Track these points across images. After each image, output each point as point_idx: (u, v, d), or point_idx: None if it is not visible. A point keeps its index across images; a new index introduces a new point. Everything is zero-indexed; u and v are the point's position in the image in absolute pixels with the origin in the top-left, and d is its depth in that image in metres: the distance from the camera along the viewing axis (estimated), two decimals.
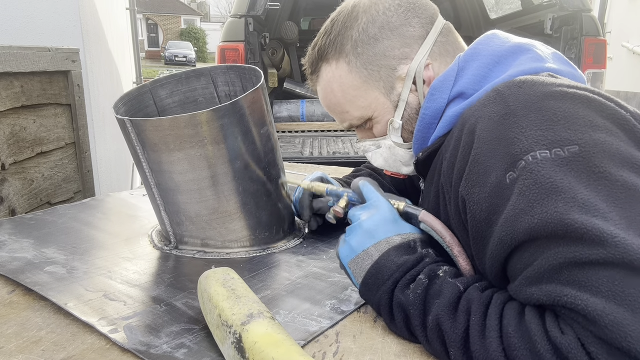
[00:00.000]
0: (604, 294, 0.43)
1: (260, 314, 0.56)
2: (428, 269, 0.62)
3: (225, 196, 0.88)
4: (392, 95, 0.77)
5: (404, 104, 0.76)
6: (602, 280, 0.43)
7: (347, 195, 0.79)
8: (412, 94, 0.76)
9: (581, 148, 0.50)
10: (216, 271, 0.67)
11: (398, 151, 0.80)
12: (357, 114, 0.79)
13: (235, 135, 0.85)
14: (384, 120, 0.79)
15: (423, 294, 0.59)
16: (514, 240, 0.51)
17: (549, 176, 0.49)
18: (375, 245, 0.65)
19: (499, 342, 0.50)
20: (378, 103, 0.77)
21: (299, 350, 0.50)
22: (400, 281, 0.62)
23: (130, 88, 3.62)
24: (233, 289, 0.62)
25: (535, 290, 0.49)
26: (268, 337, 0.52)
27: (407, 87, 0.76)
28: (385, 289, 0.63)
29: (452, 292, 0.57)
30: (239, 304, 0.58)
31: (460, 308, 0.56)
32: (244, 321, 0.54)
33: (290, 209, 1.00)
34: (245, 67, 1.00)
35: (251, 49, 2.73)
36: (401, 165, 0.83)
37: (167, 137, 0.82)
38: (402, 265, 0.62)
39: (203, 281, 0.66)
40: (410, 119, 0.77)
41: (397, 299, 0.61)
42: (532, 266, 0.50)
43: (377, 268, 0.64)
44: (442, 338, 0.56)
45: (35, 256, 0.86)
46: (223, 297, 0.60)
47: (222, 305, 0.59)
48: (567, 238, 0.46)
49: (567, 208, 0.47)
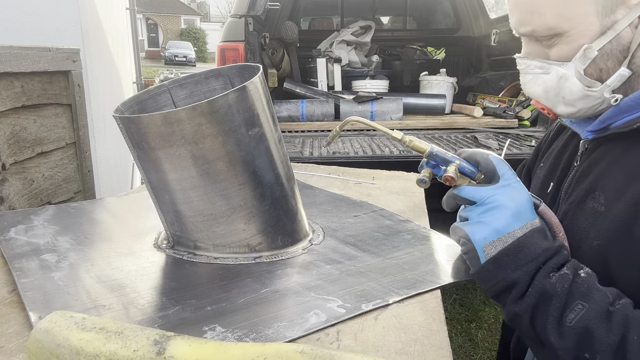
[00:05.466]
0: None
1: (164, 336, 0.49)
2: (572, 264, 0.60)
3: (209, 199, 0.85)
4: (607, 19, 0.63)
5: (613, 34, 0.63)
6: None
7: (459, 164, 0.68)
8: (629, 28, 0.63)
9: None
10: (57, 319, 0.52)
11: (570, 85, 0.67)
12: (551, 22, 0.65)
13: (216, 136, 0.81)
14: (578, 43, 0.65)
15: (569, 288, 0.58)
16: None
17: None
18: (522, 227, 0.62)
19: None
20: (585, 20, 0.64)
21: (236, 344, 0.49)
22: (544, 266, 0.60)
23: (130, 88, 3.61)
24: (102, 328, 0.50)
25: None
26: (201, 349, 0.47)
27: (630, 18, 0.62)
28: (527, 269, 0.60)
29: (604, 300, 0.57)
30: (131, 338, 0.48)
31: (615, 319, 0.55)
32: (158, 350, 0.47)
33: (291, 218, 0.94)
34: (253, 65, 0.98)
35: (251, 49, 2.73)
36: (561, 103, 0.70)
37: (147, 135, 0.81)
38: (547, 250, 0.60)
39: (46, 338, 0.49)
40: (609, 55, 0.65)
41: (540, 283, 0.59)
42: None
43: (520, 247, 0.61)
44: (586, 341, 0.55)
45: (47, 243, 0.91)
46: (100, 342, 0.48)
47: (106, 349, 0.47)
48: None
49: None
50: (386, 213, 1.13)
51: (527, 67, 0.72)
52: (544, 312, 0.58)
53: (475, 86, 3.73)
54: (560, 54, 0.67)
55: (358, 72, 3.68)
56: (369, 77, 3.58)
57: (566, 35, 0.65)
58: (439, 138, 2.66)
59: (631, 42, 0.64)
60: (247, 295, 0.74)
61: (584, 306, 0.56)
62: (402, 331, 0.65)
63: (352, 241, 0.97)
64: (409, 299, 0.74)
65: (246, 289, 0.77)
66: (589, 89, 0.67)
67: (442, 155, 0.70)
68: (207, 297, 0.73)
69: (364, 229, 1.04)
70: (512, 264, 0.60)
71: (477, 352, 2.23)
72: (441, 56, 4.55)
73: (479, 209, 0.63)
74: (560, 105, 0.70)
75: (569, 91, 0.68)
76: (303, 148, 2.57)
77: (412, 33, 4.49)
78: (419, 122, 2.91)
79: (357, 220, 1.09)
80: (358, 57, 3.83)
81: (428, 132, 2.84)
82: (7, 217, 1.05)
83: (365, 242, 0.96)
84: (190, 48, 29.04)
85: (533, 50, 0.71)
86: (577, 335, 0.56)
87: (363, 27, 3.88)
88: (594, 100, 0.68)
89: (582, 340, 0.55)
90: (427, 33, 4.48)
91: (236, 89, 0.82)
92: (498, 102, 3.13)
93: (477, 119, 2.96)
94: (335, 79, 3.50)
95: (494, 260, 0.61)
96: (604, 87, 0.66)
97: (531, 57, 0.71)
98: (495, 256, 0.61)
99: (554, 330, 0.57)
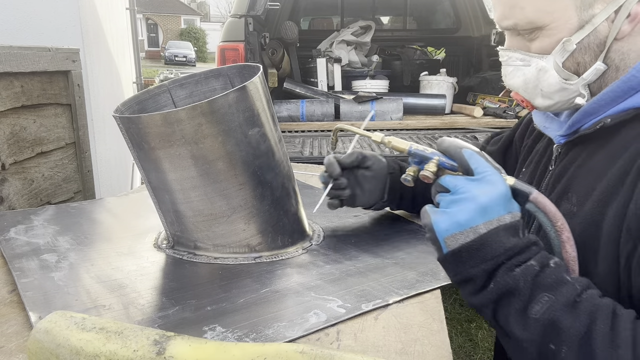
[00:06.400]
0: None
1: (164, 336, 0.49)
2: (540, 256, 0.59)
3: (209, 199, 0.85)
4: (585, 13, 0.66)
5: (591, 28, 0.66)
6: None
7: (439, 160, 0.67)
8: (606, 22, 0.65)
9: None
10: (57, 319, 0.52)
11: (548, 77, 0.70)
12: (531, 16, 0.68)
13: (216, 136, 0.81)
14: (557, 36, 0.68)
15: (532, 281, 0.57)
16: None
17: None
18: (486, 223, 0.60)
19: (633, 356, 0.50)
20: (563, 14, 0.66)
21: (236, 344, 0.50)
22: (507, 262, 0.59)
23: (130, 88, 3.60)
24: (102, 328, 0.50)
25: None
26: (201, 350, 0.47)
27: (607, 12, 0.65)
28: (484, 267, 0.59)
29: (571, 291, 0.56)
30: (131, 338, 0.48)
31: (582, 309, 0.55)
32: (158, 350, 0.47)
33: (291, 218, 0.94)
34: (253, 65, 0.98)
35: (251, 49, 2.73)
36: (539, 95, 0.72)
37: (147, 135, 0.81)
38: (510, 250, 0.59)
39: (46, 338, 0.49)
40: (586, 49, 0.67)
41: (502, 279, 0.58)
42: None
43: (481, 244, 0.59)
44: (551, 333, 0.55)
45: (47, 243, 0.92)
46: (100, 342, 0.48)
47: (106, 349, 0.47)
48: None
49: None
50: (386, 213, 1.13)
51: (508, 59, 0.74)
52: (507, 306, 0.58)
53: (475, 86, 3.73)
54: (541, 46, 0.69)
55: (358, 72, 3.68)
56: (369, 77, 3.58)
57: (546, 28, 0.68)
58: (439, 138, 2.66)
59: (607, 37, 0.66)
60: (247, 295, 0.74)
61: (550, 298, 0.56)
62: (402, 331, 0.65)
63: (352, 241, 0.97)
64: (409, 299, 0.74)
65: (246, 289, 0.77)
66: (566, 81, 0.69)
67: (421, 152, 0.70)
68: (207, 297, 0.74)
69: (364, 229, 1.04)
70: (470, 261, 0.60)
71: (477, 352, 2.23)
72: (441, 56, 4.55)
73: (449, 198, 0.63)
74: (539, 98, 0.73)
75: (547, 84, 0.70)
76: (303, 148, 2.57)
77: (412, 33, 4.49)
78: (419, 122, 2.91)
79: (357, 220, 1.09)
80: (358, 57, 3.83)
81: (428, 132, 2.84)
82: (7, 217, 1.06)
83: (365, 242, 0.96)
84: (190, 48, 29.04)
85: (515, 44, 0.73)
86: (543, 327, 0.55)
87: (363, 27, 3.88)
88: (571, 93, 0.70)
89: (548, 332, 0.55)
90: (427, 33, 4.48)
91: (236, 89, 0.82)
92: (498, 102, 3.13)
93: (477, 119, 2.96)
94: (335, 79, 3.50)
95: (453, 254, 0.61)
96: (580, 80, 0.69)
97: (513, 50, 0.73)
98: (454, 250, 0.60)
99: (518, 323, 0.57)
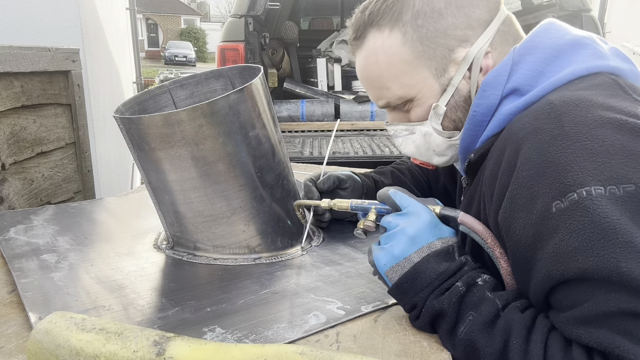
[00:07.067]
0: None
1: (164, 337, 0.49)
2: (467, 277, 0.62)
3: (209, 200, 0.85)
4: (443, 78, 0.71)
5: (453, 89, 0.71)
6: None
7: (375, 208, 0.76)
8: (464, 80, 0.71)
9: (637, 188, 0.49)
10: (57, 319, 0.52)
11: (434, 139, 0.75)
12: (398, 93, 0.73)
13: (216, 137, 0.81)
14: (427, 104, 0.73)
15: (458, 302, 0.60)
16: (563, 276, 0.51)
17: (605, 215, 0.48)
18: (418, 251, 0.64)
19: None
20: (425, 84, 0.71)
21: (236, 346, 0.50)
22: (440, 287, 0.62)
23: (130, 88, 3.61)
24: (102, 329, 0.50)
25: (583, 333, 0.50)
26: (201, 351, 0.47)
27: (462, 72, 0.70)
28: (423, 295, 0.63)
29: (490, 309, 0.58)
30: (130, 339, 0.48)
31: (498, 327, 0.56)
32: (158, 351, 0.47)
33: (291, 219, 0.94)
34: (253, 66, 0.98)
35: (251, 49, 2.73)
36: (434, 155, 0.78)
37: (147, 135, 0.81)
38: (442, 274, 0.62)
39: (45, 338, 0.49)
40: (456, 107, 0.72)
41: (430, 303, 0.62)
42: (581, 307, 0.50)
43: (416, 274, 0.63)
44: (471, 353, 0.57)
45: (46, 243, 0.92)
46: (100, 343, 0.48)
47: (106, 350, 0.47)
48: (622, 287, 0.47)
49: (624, 254, 0.47)
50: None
51: (395, 132, 0.80)
52: (439, 328, 0.62)
53: None
54: (417, 115, 0.75)
55: None
56: None
57: (415, 99, 0.73)
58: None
59: (470, 91, 0.71)
60: (247, 297, 0.74)
61: (474, 317, 0.58)
62: (402, 333, 0.65)
63: (352, 243, 0.97)
64: None
65: (246, 290, 0.77)
66: (450, 139, 0.74)
67: (360, 206, 0.80)
68: (207, 298, 0.74)
69: None
70: (410, 290, 0.64)
71: None
72: None
73: (385, 234, 0.68)
74: (435, 157, 0.78)
75: (436, 144, 0.76)
76: (303, 148, 2.57)
77: None
78: None
79: None
80: None
81: None
82: (6, 217, 1.05)
83: (365, 244, 0.96)
84: (190, 48, 29.02)
85: (397, 117, 0.79)
86: (464, 347, 0.58)
87: None
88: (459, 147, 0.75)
89: (469, 352, 0.58)
90: None
91: (237, 90, 0.82)
92: None
93: None
94: (335, 79, 3.51)
95: (396, 287, 0.65)
96: (461, 133, 0.73)
97: (396, 123, 0.79)
98: (396, 283, 0.65)
99: (448, 343, 0.61)
